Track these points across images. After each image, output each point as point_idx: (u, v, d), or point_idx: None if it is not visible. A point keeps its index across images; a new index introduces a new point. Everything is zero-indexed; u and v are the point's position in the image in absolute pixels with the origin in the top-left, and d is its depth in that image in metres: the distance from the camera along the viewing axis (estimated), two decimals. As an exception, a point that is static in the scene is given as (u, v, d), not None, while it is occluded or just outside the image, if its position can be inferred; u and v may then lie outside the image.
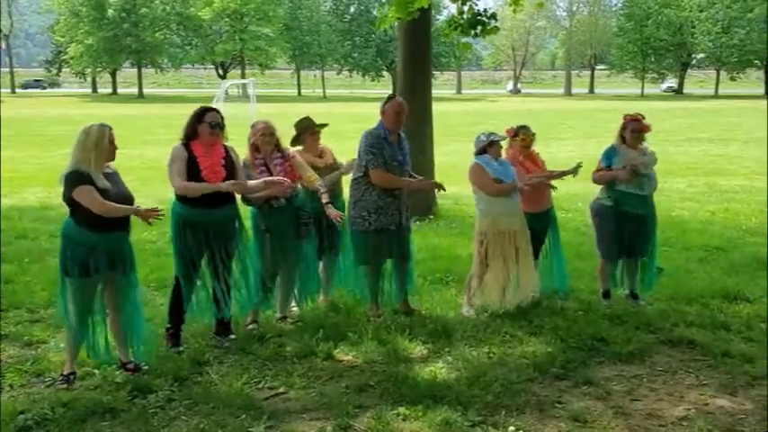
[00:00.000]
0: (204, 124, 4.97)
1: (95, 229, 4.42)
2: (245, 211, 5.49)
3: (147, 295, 6.36)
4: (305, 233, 5.56)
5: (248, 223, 5.50)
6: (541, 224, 6.21)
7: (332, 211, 5.49)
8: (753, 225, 9.64)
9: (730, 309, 6.04)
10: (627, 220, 6.01)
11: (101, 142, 4.45)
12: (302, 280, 5.75)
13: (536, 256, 6.30)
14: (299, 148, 5.96)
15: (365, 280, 5.97)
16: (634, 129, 5.97)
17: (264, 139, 5.42)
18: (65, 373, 4.59)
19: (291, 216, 5.46)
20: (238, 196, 5.31)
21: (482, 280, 5.93)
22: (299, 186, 5.55)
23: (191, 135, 5.00)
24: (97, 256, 4.46)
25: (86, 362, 4.79)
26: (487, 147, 5.83)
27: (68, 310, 4.56)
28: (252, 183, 5.12)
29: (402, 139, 5.84)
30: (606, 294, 6.24)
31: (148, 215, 4.46)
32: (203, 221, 5.00)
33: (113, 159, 4.61)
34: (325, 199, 5.49)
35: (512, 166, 5.92)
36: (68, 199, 4.43)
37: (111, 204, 4.39)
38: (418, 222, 9.09)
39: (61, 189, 4.47)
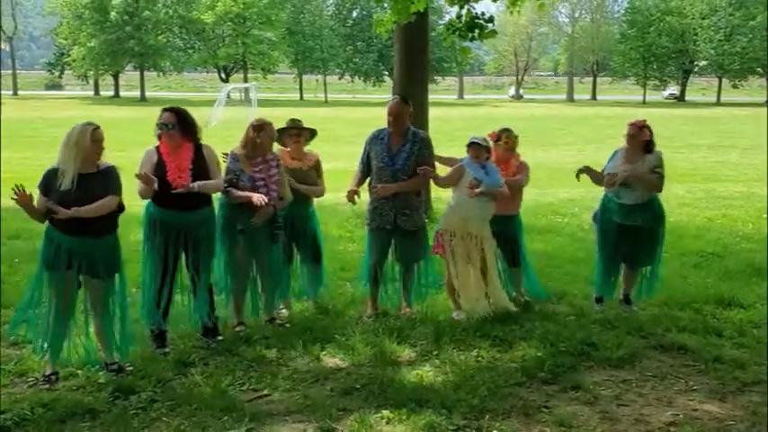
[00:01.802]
0: (160, 124, 4.97)
1: (59, 229, 4.47)
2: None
3: (137, 297, 6.32)
4: (277, 238, 5.58)
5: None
6: (507, 227, 6.08)
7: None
8: (749, 231, 9.59)
9: (723, 314, 5.99)
10: (609, 225, 6.02)
11: (81, 140, 4.42)
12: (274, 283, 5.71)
13: (513, 262, 6.20)
14: (288, 149, 5.93)
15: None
16: (627, 133, 5.94)
17: (272, 141, 5.49)
18: (46, 373, 4.55)
19: (270, 218, 5.45)
20: (215, 196, 5.30)
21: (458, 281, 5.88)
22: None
23: (158, 137, 5.01)
24: (60, 255, 4.49)
25: (70, 362, 4.76)
26: (467, 148, 5.79)
27: (48, 307, 4.56)
28: (238, 194, 5.22)
29: (407, 142, 5.77)
30: (599, 300, 6.19)
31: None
32: (177, 223, 4.96)
33: (98, 158, 4.57)
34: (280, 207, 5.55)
35: (499, 176, 5.81)
36: None
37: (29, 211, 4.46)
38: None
39: None
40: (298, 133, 5.90)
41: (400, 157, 5.74)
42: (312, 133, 6.05)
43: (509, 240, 6.10)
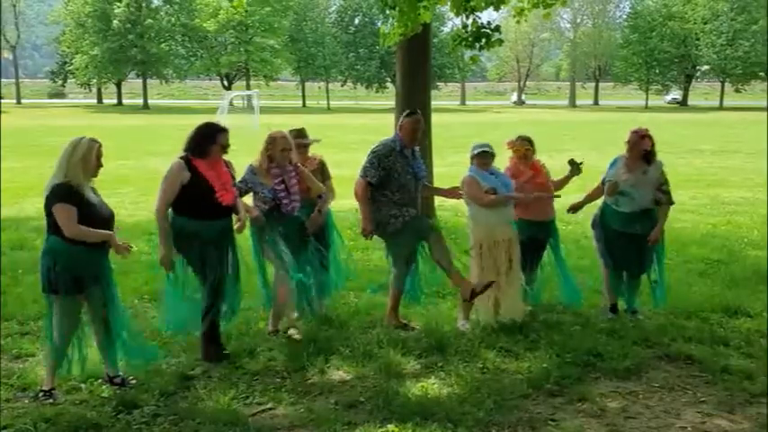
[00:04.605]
0: (217, 146, 4.92)
1: (88, 246, 4.40)
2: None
3: (138, 307, 6.31)
4: (305, 242, 5.57)
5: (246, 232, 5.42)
6: (543, 233, 6.13)
7: (314, 217, 5.64)
8: (755, 238, 9.53)
9: (730, 323, 5.94)
10: (609, 232, 6.01)
11: (88, 156, 4.39)
12: (301, 287, 5.62)
13: (535, 266, 6.21)
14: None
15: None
16: (628, 140, 5.93)
17: (284, 154, 5.41)
18: (45, 388, 4.50)
19: (298, 225, 5.46)
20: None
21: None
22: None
23: (197, 153, 4.91)
24: (88, 272, 4.44)
25: (74, 376, 4.72)
26: (475, 158, 5.77)
27: (54, 326, 4.49)
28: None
29: (415, 151, 5.86)
30: (613, 309, 6.14)
31: (119, 249, 4.44)
32: (206, 233, 4.92)
33: (96, 176, 4.54)
34: (319, 206, 5.65)
35: (509, 178, 5.84)
36: (50, 210, 4.37)
37: (83, 230, 4.33)
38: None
39: (45, 197, 4.41)
40: (305, 144, 5.98)
41: (419, 166, 5.81)
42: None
43: (539, 245, 6.11)
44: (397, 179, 5.68)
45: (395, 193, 5.70)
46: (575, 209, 6.26)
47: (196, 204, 4.87)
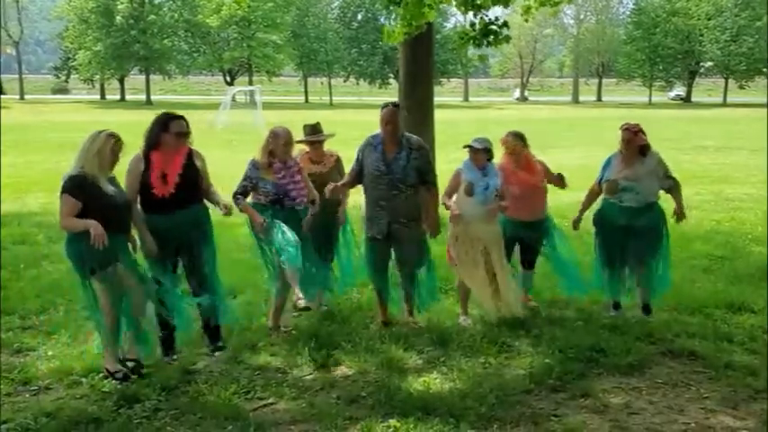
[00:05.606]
0: (170, 134, 4.89)
1: (107, 231, 4.41)
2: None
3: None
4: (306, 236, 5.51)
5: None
6: (534, 233, 6.06)
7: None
8: (759, 234, 9.48)
9: (733, 319, 5.92)
10: (613, 229, 5.93)
11: (103, 150, 4.51)
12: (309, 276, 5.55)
13: (531, 265, 6.18)
14: (306, 149, 5.99)
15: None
16: (622, 138, 5.88)
17: (286, 149, 5.38)
18: (111, 371, 4.61)
19: (298, 220, 5.42)
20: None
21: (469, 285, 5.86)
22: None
23: (152, 144, 4.90)
24: (110, 250, 4.44)
25: (74, 370, 4.73)
26: (468, 151, 5.73)
27: (101, 307, 4.57)
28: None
29: (402, 149, 5.56)
30: (616, 306, 6.10)
31: (96, 239, 4.35)
32: (169, 226, 4.86)
33: (112, 170, 4.62)
34: (312, 212, 5.54)
35: (498, 178, 5.71)
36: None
37: (71, 222, 4.43)
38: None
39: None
40: (321, 140, 5.97)
41: (397, 165, 5.55)
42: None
43: (530, 245, 6.07)
44: (365, 175, 5.63)
45: (368, 187, 5.63)
46: (576, 223, 6.24)
47: (147, 196, 4.84)
